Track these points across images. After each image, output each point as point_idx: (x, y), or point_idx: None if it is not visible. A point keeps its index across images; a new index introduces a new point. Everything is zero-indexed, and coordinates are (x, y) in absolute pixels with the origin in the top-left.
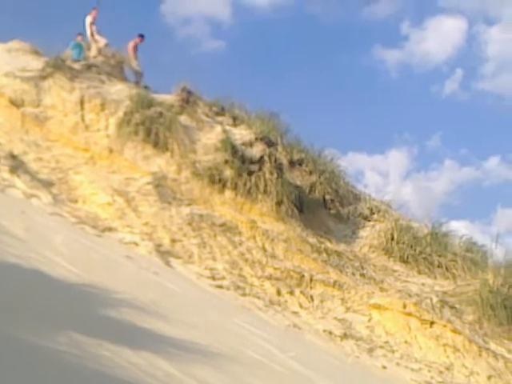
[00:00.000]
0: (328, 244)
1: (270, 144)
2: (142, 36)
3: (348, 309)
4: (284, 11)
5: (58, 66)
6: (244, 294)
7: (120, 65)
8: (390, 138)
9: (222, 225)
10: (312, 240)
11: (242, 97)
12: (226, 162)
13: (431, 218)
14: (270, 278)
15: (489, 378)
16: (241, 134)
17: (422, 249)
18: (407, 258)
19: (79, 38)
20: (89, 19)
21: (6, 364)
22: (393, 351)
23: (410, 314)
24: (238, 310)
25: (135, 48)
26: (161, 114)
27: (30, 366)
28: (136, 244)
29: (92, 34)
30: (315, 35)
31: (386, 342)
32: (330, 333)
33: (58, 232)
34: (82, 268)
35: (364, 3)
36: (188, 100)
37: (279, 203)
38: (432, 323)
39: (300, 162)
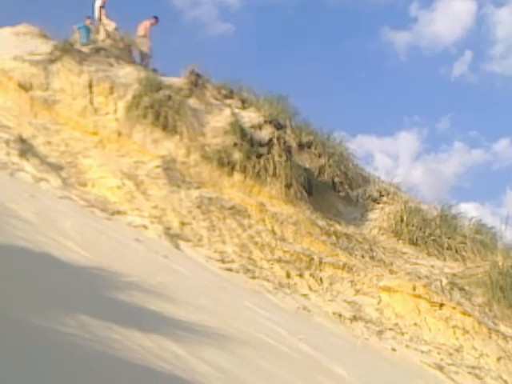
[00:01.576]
0: (337, 226)
1: (279, 127)
2: (156, 18)
3: (357, 291)
4: None
5: (66, 49)
6: (253, 277)
7: (128, 48)
8: (400, 121)
9: (231, 208)
10: (321, 223)
11: (251, 80)
12: (235, 144)
13: (441, 200)
14: (279, 260)
15: (498, 359)
16: (249, 117)
17: (431, 231)
18: (416, 240)
19: (88, 22)
20: (98, 2)
21: (15, 347)
22: (402, 333)
23: (419, 296)
24: (247, 292)
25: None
26: (169, 97)
27: (38, 348)
28: (145, 227)
29: (100, 18)
30: (323, 18)
31: (396, 325)
32: (340, 315)
33: (68, 215)
34: (91, 251)
35: None
36: (196, 83)
37: (288, 186)
38: (441, 305)
39: (309, 145)
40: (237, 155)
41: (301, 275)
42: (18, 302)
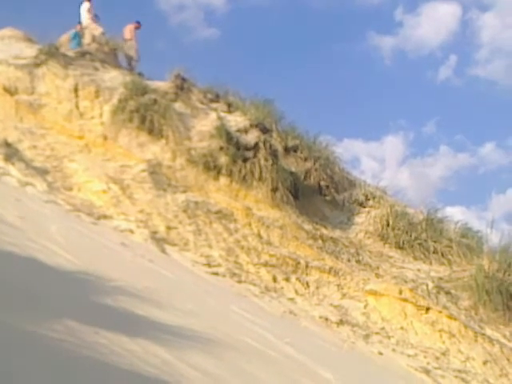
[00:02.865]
0: (323, 230)
1: (265, 130)
2: (138, 22)
3: (344, 295)
4: None
5: (51, 53)
6: (240, 281)
7: (114, 52)
8: (386, 125)
9: (218, 212)
10: (307, 227)
11: (237, 84)
12: (221, 148)
13: (427, 204)
14: (265, 264)
15: (484, 363)
16: (235, 121)
17: (417, 235)
18: (403, 244)
19: (78, 27)
20: (86, 6)
21: (1, 352)
22: (389, 337)
23: (405, 300)
24: (233, 296)
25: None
26: (155, 101)
27: (25, 353)
28: (131, 231)
29: (93, 20)
30: (309, 22)
31: (382, 328)
32: (326, 319)
33: (53, 220)
34: (77, 255)
35: None
36: (182, 87)
37: (274, 190)
38: (428, 309)
39: (295, 149)
40: (223, 159)
41: (287, 279)
42: (3, 307)
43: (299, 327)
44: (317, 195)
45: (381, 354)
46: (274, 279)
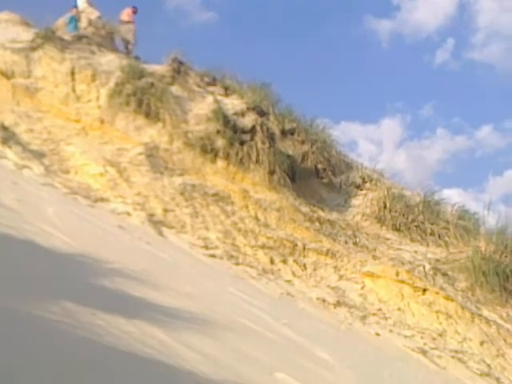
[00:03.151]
0: (321, 213)
1: (262, 114)
2: (135, 7)
3: (341, 277)
4: None
5: (48, 37)
6: (237, 263)
7: (110, 35)
8: (383, 107)
9: (215, 194)
10: (304, 209)
11: (234, 67)
12: (218, 131)
13: (424, 187)
14: (263, 246)
15: (481, 343)
16: (232, 104)
17: (414, 217)
18: (400, 226)
19: (75, 11)
20: None
21: None
22: (386, 318)
23: (402, 282)
24: (231, 278)
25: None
26: (152, 84)
27: (22, 335)
28: (128, 214)
29: (89, 3)
30: (307, 5)
31: (379, 310)
32: (324, 301)
33: (51, 202)
34: (74, 238)
35: None
36: (179, 70)
37: (271, 173)
38: (425, 290)
39: (292, 132)
40: (220, 142)
41: (284, 261)
42: (0, 289)
43: (296, 309)
44: (314, 178)
45: (378, 334)
46: (272, 261)
